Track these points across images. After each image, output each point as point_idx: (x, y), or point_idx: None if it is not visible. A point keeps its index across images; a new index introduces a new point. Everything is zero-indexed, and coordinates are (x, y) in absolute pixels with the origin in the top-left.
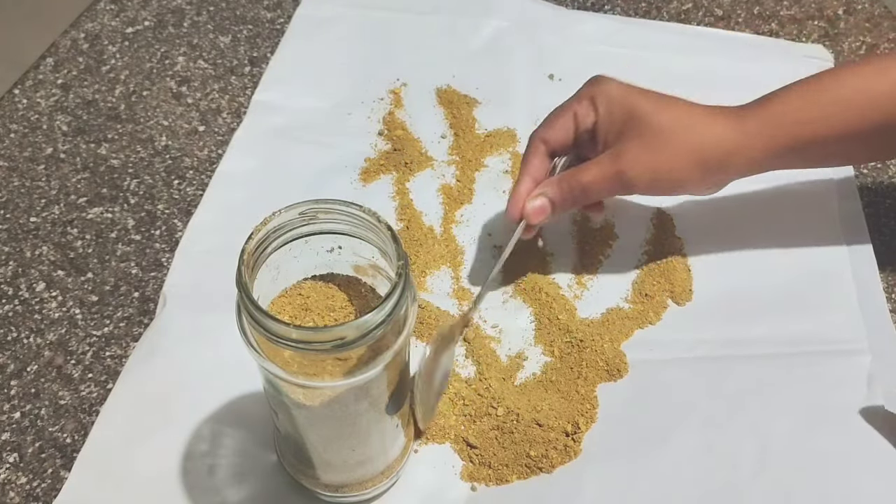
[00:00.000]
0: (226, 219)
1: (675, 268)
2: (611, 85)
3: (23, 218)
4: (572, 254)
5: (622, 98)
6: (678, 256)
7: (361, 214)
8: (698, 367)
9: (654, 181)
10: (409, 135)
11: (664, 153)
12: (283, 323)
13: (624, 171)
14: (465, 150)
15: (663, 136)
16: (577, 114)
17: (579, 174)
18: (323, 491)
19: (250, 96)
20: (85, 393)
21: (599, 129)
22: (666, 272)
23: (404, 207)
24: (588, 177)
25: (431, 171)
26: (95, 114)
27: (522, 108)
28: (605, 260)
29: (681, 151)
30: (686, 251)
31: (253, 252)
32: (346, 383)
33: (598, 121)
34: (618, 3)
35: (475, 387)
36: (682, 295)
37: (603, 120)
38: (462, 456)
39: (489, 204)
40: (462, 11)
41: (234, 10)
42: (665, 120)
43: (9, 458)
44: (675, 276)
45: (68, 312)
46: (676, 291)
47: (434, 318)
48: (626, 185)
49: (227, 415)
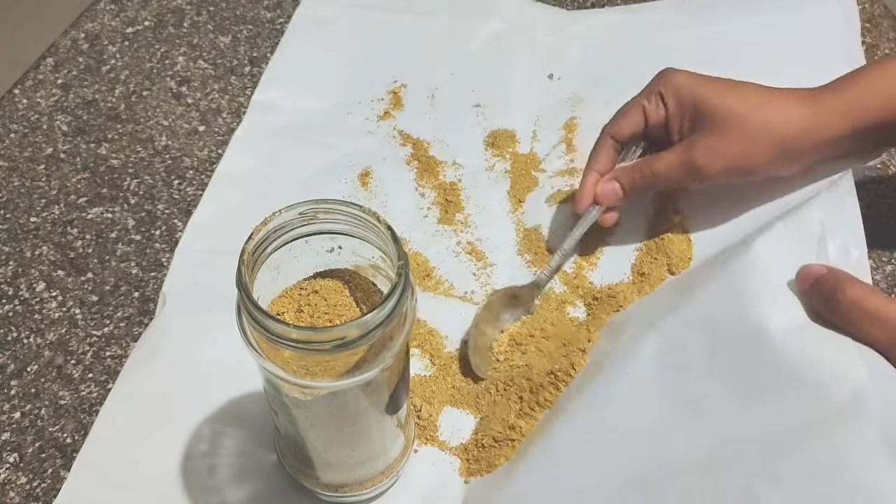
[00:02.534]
0: (225, 219)
1: (673, 241)
2: (678, 77)
3: (23, 218)
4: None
5: (690, 89)
6: (678, 231)
7: (361, 214)
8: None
9: (729, 168)
10: (419, 141)
11: (737, 139)
12: (282, 323)
13: (696, 158)
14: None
15: (735, 122)
16: (645, 109)
17: (652, 162)
18: (323, 491)
19: (250, 96)
20: (85, 393)
21: (671, 122)
22: (663, 247)
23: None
24: (660, 165)
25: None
26: (95, 114)
27: (522, 109)
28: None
29: (754, 135)
30: (687, 225)
31: (253, 252)
32: (345, 383)
33: (668, 115)
34: (617, 3)
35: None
36: (679, 264)
37: (673, 113)
38: (459, 452)
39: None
40: (461, 13)
41: (234, 10)
42: (735, 106)
43: (9, 458)
44: (672, 248)
45: (68, 312)
46: (674, 262)
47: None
48: (698, 174)
49: (227, 415)
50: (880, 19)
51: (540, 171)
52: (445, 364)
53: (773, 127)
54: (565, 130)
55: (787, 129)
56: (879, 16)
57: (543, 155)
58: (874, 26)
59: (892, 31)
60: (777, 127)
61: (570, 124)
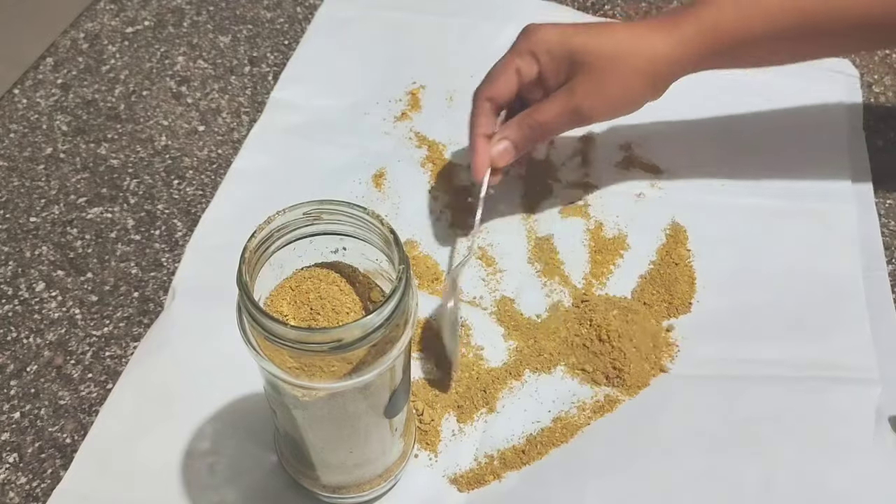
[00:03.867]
0: (238, 215)
1: (678, 279)
2: (547, 31)
3: (23, 218)
4: (584, 263)
5: (561, 41)
6: (684, 268)
7: (364, 216)
8: (704, 386)
9: (611, 108)
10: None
11: (615, 81)
12: (281, 323)
13: (579, 104)
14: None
15: (610, 65)
16: (519, 68)
17: (536, 114)
18: (322, 492)
19: (250, 96)
20: (85, 393)
21: (546, 76)
22: (668, 283)
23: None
24: (546, 115)
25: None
26: (95, 114)
27: None
28: (616, 270)
29: (630, 74)
30: (694, 264)
31: (255, 251)
32: (343, 385)
33: (541, 70)
34: (618, 3)
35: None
36: (680, 308)
37: (547, 68)
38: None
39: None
40: (483, 15)
41: (234, 10)
42: (608, 49)
43: (9, 458)
44: (676, 287)
45: (68, 312)
46: (675, 304)
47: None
48: (583, 117)
49: (229, 413)
50: None
51: (555, 180)
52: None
53: (645, 63)
54: (582, 143)
55: (657, 63)
56: None
57: (559, 163)
58: None
59: None
60: (648, 62)
61: (586, 137)
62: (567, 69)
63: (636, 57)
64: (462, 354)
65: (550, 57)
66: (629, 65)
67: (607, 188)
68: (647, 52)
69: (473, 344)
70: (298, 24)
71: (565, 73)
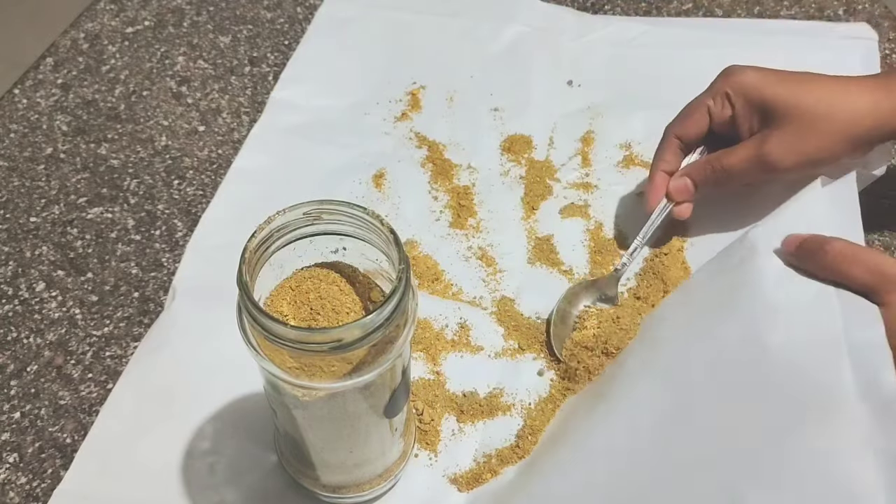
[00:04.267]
0: (238, 215)
1: (670, 267)
2: (745, 75)
3: (23, 218)
4: (584, 263)
5: (759, 88)
6: (677, 255)
7: (364, 216)
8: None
9: (804, 164)
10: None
11: (812, 136)
12: (281, 323)
13: (769, 153)
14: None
15: (807, 119)
16: (710, 109)
17: (724, 158)
18: (322, 491)
19: (250, 96)
20: (85, 393)
21: (738, 121)
22: (660, 273)
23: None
24: (733, 161)
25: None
26: (95, 114)
27: (539, 115)
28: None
29: (829, 131)
30: (687, 252)
31: (255, 251)
32: (343, 385)
33: (735, 114)
34: (618, 3)
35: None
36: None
37: (740, 112)
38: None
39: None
40: (483, 15)
41: (234, 10)
42: (808, 103)
43: (9, 458)
44: (668, 274)
45: (68, 312)
46: (670, 289)
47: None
48: (772, 170)
49: (229, 413)
50: (880, 19)
51: (555, 181)
52: None
53: (847, 124)
54: (582, 143)
55: (860, 123)
56: (880, 16)
57: (559, 164)
58: (874, 26)
59: (892, 32)
60: (849, 121)
61: (586, 137)
62: (761, 117)
63: (835, 117)
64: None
65: (745, 101)
66: (829, 122)
67: (607, 188)
68: (847, 114)
69: (473, 344)
70: (298, 24)
71: (759, 120)
